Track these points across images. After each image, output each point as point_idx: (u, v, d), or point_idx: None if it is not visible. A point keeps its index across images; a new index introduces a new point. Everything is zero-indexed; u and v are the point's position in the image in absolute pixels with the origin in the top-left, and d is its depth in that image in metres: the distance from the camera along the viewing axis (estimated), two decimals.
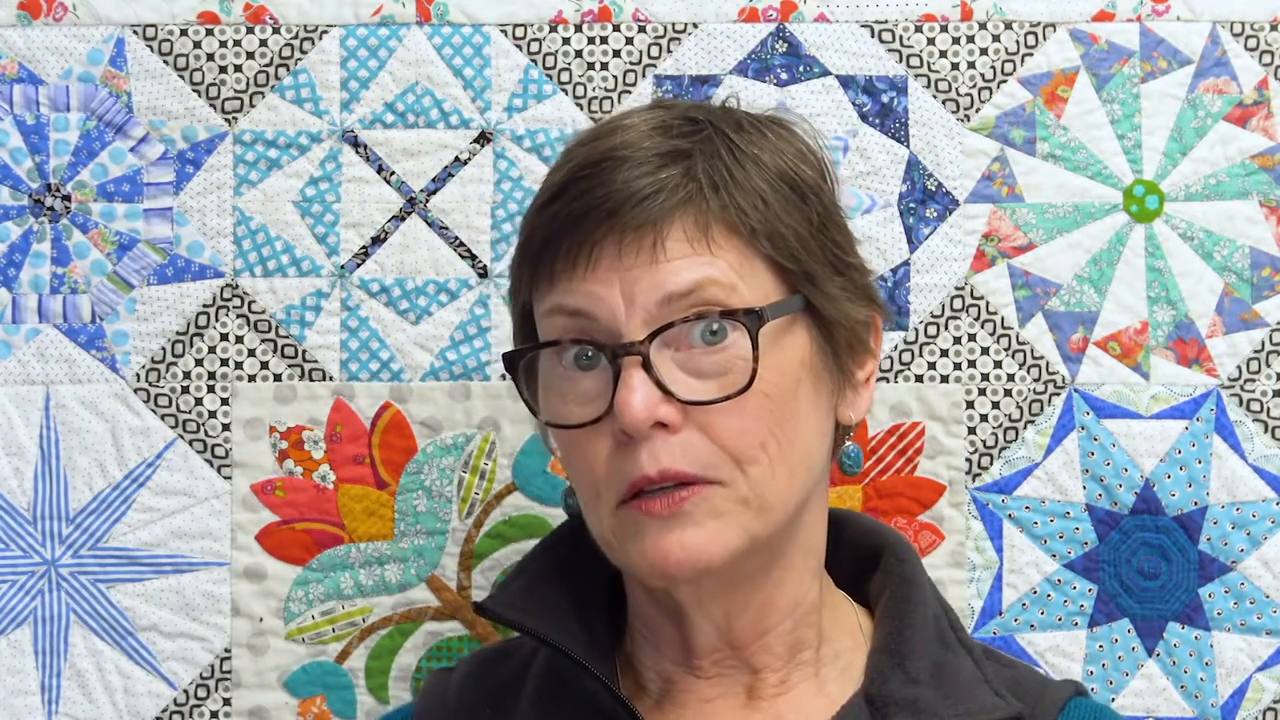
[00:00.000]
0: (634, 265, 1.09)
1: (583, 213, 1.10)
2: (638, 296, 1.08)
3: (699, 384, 1.08)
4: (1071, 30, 1.49)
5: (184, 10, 1.49)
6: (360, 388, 1.49)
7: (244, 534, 1.48)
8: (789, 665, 1.17)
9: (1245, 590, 1.47)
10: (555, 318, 1.11)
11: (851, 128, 1.49)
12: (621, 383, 1.07)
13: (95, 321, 1.49)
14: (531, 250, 1.13)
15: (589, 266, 1.09)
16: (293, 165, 1.49)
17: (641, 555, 1.09)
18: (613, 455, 1.09)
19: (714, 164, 1.12)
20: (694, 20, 1.49)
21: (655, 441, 1.07)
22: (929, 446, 1.48)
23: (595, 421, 1.09)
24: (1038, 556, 1.48)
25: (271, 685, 1.48)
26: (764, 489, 1.09)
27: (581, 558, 1.21)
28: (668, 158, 1.11)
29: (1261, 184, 1.49)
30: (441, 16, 1.49)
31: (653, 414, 1.07)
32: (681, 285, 1.08)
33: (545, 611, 1.17)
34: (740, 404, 1.08)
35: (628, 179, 1.10)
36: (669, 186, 1.10)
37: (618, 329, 1.08)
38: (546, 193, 1.14)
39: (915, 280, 1.49)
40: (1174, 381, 1.48)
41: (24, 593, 1.48)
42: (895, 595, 1.20)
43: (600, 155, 1.12)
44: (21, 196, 1.49)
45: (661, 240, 1.09)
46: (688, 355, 1.09)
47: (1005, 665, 1.22)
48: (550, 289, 1.11)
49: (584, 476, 1.12)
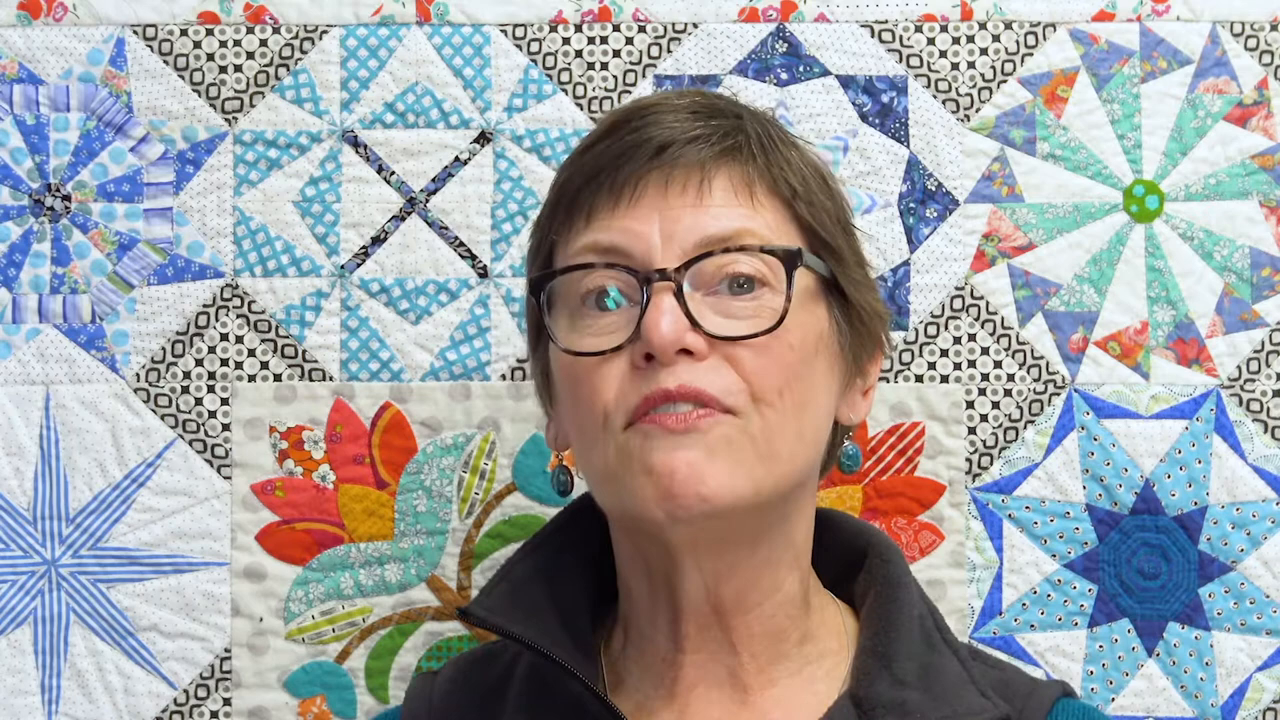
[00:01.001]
0: (677, 204, 1.10)
1: (631, 148, 1.11)
2: (676, 234, 1.10)
3: (728, 322, 1.10)
4: (1071, 30, 1.49)
5: (184, 10, 1.49)
6: (360, 388, 1.49)
7: (244, 534, 1.48)
8: (770, 653, 1.17)
9: (1245, 590, 1.47)
10: (585, 255, 1.12)
11: (851, 128, 1.49)
12: (651, 305, 1.08)
13: (95, 321, 1.49)
14: (570, 189, 1.13)
15: (631, 202, 1.11)
16: (293, 165, 1.49)
17: (648, 473, 1.08)
18: (629, 378, 1.09)
19: (758, 128, 1.15)
20: (694, 20, 1.49)
21: (680, 366, 1.08)
22: (929, 446, 1.48)
23: (617, 350, 1.09)
24: (1038, 556, 1.48)
25: (271, 685, 1.48)
26: (773, 435, 1.10)
27: (565, 559, 1.21)
28: (715, 112, 1.15)
29: (1261, 184, 1.49)
30: (441, 16, 1.49)
31: (680, 337, 1.07)
32: (722, 230, 1.10)
33: (529, 615, 1.17)
34: (765, 345, 1.09)
35: (679, 120, 1.12)
36: (720, 133, 1.12)
37: (651, 262, 1.09)
38: (591, 138, 1.15)
39: (915, 280, 1.49)
40: (1174, 381, 1.48)
41: (24, 593, 1.48)
42: (881, 596, 1.20)
43: (649, 104, 1.14)
44: (21, 196, 1.49)
45: (709, 183, 1.11)
46: (717, 299, 1.10)
47: (992, 666, 1.22)
48: (586, 226, 1.12)
49: (591, 406, 1.11)
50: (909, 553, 1.47)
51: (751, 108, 1.19)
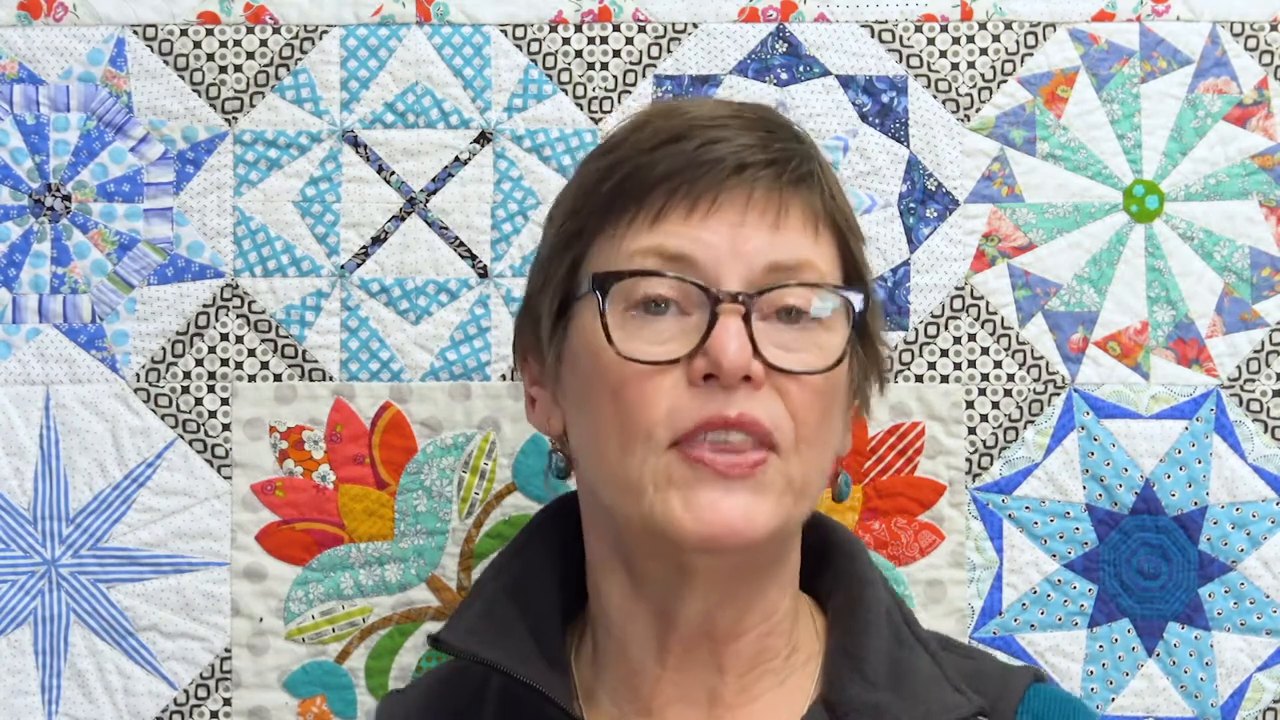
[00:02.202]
0: (753, 225, 1.09)
1: (711, 161, 1.09)
2: (746, 254, 1.09)
3: (782, 353, 1.09)
4: (1071, 30, 1.49)
5: (184, 10, 1.49)
6: (360, 388, 1.49)
7: (244, 534, 1.48)
8: (756, 672, 1.16)
9: (1245, 590, 1.47)
10: (648, 258, 1.09)
11: (851, 128, 1.49)
12: (721, 326, 1.06)
13: (95, 321, 1.49)
14: (636, 187, 1.10)
15: (706, 214, 1.09)
16: (293, 165, 1.49)
17: (693, 510, 1.06)
18: (685, 394, 1.07)
19: (820, 155, 1.16)
20: (694, 20, 1.49)
21: (739, 393, 1.07)
22: (929, 446, 1.48)
23: (674, 362, 1.07)
24: (1038, 556, 1.48)
25: (271, 685, 1.48)
26: (807, 473, 1.10)
27: (535, 572, 1.20)
28: (786, 131, 1.14)
29: (1261, 184, 1.49)
30: (441, 16, 1.49)
31: (748, 364, 1.06)
32: (790, 259, 1.10)
33: (501, 636, 1.16)
34: (812, 382, 1.09)
35: (753, 139, 1.11)
36: (797, 158, 1.12)
37: (718, 277, 1.08)
38: (652, 138, 1.11)
39: (915, 280, 1.49)
40: (1174, 381, 1.48)
41: (24, 593, 1.48)
42: (848, 596, 1.19)
43: (714, 117, 1.12)
44: (21, 196, 1.49)
45: (785, 210, 1.10)
46: (770, 326, 1.09)
47: (963, 656, 1.21)
48: (650, 229, 1.10)
49: (636, 416, 1.08)
50: (909, 553, 1.47)
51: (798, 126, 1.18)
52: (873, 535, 1.48)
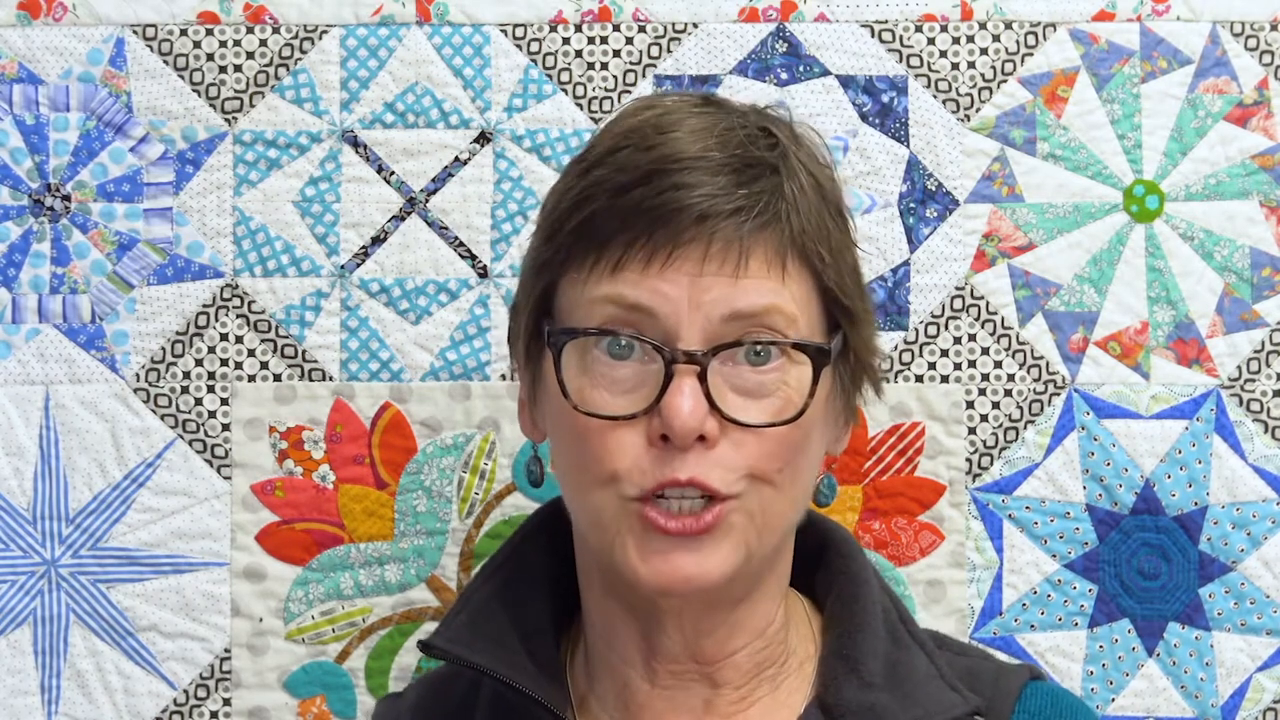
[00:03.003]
0: (711, 275, 1.07)
1: (671, 212, 1.07)
2: (704, 305, 1.07)
3: (742, 402, 1.08)
4: (1071, 30, 1.49)
5: (184, 10, 1.49)
6: (360, 388, 1.49)
7: (244, 534, 1.48)
8: (752, 682, 1.16)
9: (1245, 590, 1.47)
10: (606, 306, 1.09)
11: (851, 128, 1.49)
12: (675, 388, 1.06)
13: (95, 321, 1.49)
14: (597, 234, 1.09)
15: (663, 267, 1.07)
16: (293, 165, 1.49)
17: (645, 563, 1.07)
18: (643, 452, 1.07)
19: (794, 184, 1.11)
20: (694, 20, 1.49)
21: (691, 454, 1.06)
22: (929, 446, 1.48)
23: (631, 418, 1.07)
24: (1038, 556, 1.48)
25: (271, 685, 1.48)
26: (770, 509, 1.09)
27: (525, 579, 1.20)
28: (756, 169, 1.10)
29: (1261, 184, 1.49)
30: (441, 16, 1.49)
31: (700, 424, 1.06)
32: (751, 307, 1.08)
33: (492, 641, 1.16)
34: (774, 430, 1.08)
35: (722, 186, 1.08)
36: (760, 204, 1.08)
37: (676, 332, 1.07)
38: (621, 175, 1.09)
39: (915, 280, 1.49)
40: (1174, 381, 1.48)
41: (24, 593, 1.48)
42: (843, 595, 1.19)
43: (687, 153, 1.09)
44: (21, 196, 1.49)
45: (745, 258, 1.08)
46: (734, 371, 1.08)
47: (958, 654, 1.21)
48: (610, 277, 1.08)
49: (597, 464, 1.09)
50: (909, 553, 1.47)
51: (780, 130, 1.15)
52: (873, 535, 1.48)
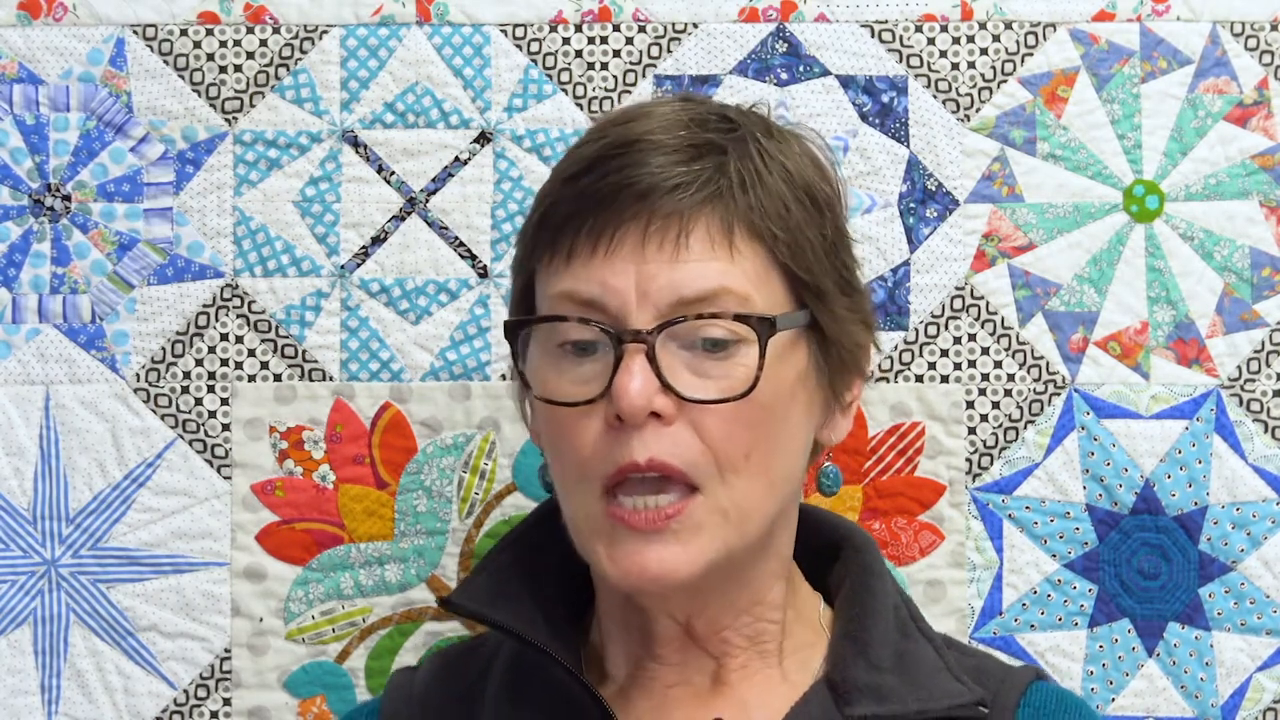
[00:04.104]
0: (654, 258, 1.08)
1: (612, 191, 1.09)
2: (652, 292, 1.08)
3: (699, 382, 1.08)
4: (1071, 30, 1.49)
5: (184, 10, 1.49)
6: (360, 388, 1.49)
7: (244, 534, 1.48)
8: (750, 652, 1.18)
9: (1245, 590, 1.47)
10: (564, 303, 1.10)
11: (851, 128, 1.49)
12: (622, 367, 1.07)
13: (95, 321, 1.49)
14: (551, 223, 1.11)
15: (608, 252, 1.08)
16: (293, 165, 1.49)
17: (614, 563, 1.09)
18: (602, 438, 1.09)
19: (745, 164, 1.12)
20: (694, 20, 1.49)
21: (647, 430, 1.07)
22: (929, 446, 1.48)
23: (589, 403, 1.09)
24: (1038, 556, 1.48)
25: (271, 685, 1.48)
26: (743, 500, 1.10)
27: (545, 552, 1.21)
28: (702, 149, 1.11)
29: (1261, 184, 1.49)
30: (441, 16, 1.49)
31: (649, 401, 1.07)
32: (697, 291, 1.08)
33: (511, 605, 1.17)
34: (735, 409, 1.08)
35: (661, 164, 1.09)
36: (701, 179, 1.09)
37: (626, 319, 1.08)
38: (574, 166, 1.12)
39: (915, 280, 1.49)
40: (1174, 381, 1.48)
41: (24, 593, 1.48)
42: (855, 585, 1.21)
43: (634, 137, 1.11)
44: (21, 196, 1.49)
45: (686, 235, 1.08)
46: (692, 355, 1.09)
47: (966, 654, 1.23)
48: (565, 270, 1.10)
49: (569, 457, 1.11)
50: (909, 553, 1.47)
51: (745, 121, 1.15)
52: (873, 535, 1.47)
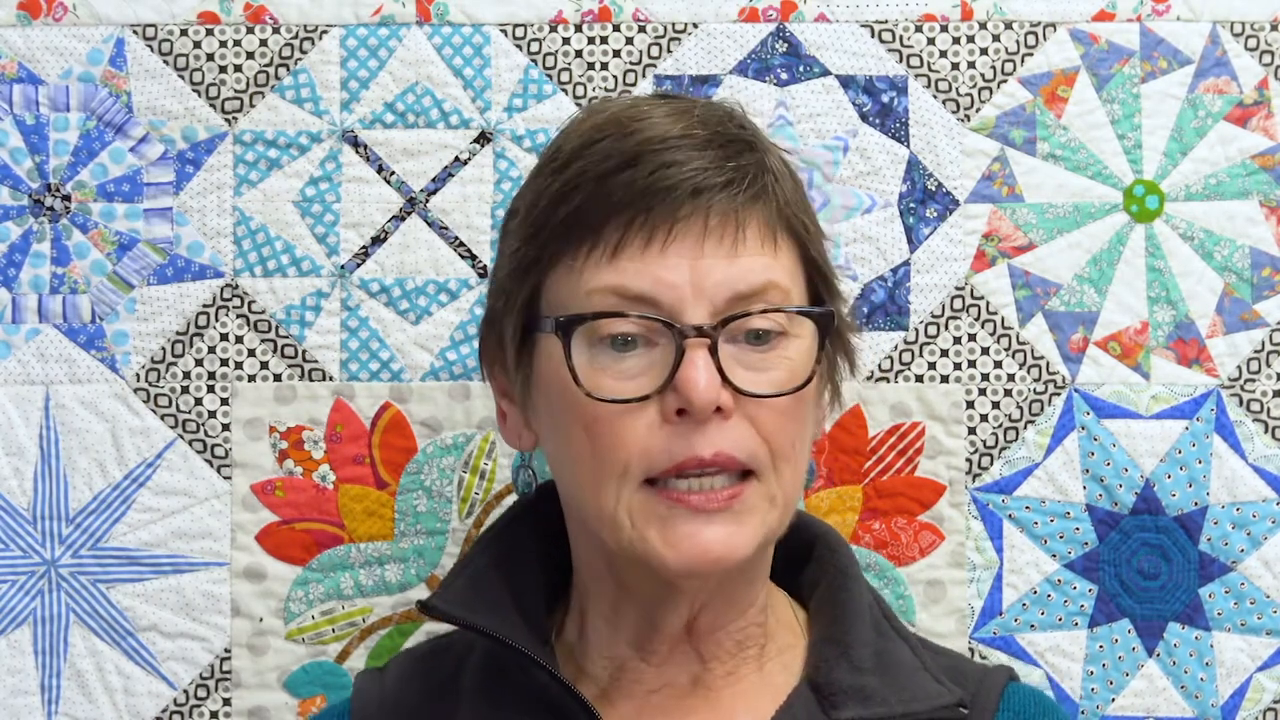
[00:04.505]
0: (711, 254, 1.08)
1: (665, 188, 1.07)
2: (708, 288, 1.08)
3: (753, 376, 1.09)
4: (1071, 30, 1.49)
5: (184, 10, 1.49)
6: (360, 388, 1.49)
7: (244, 534, 1.48)
8: (736, 659, 1.18)
9: (1245, 590, 1.47)
10: (608, 297, 1.09)
11: (851, 128, 1.49)
12: (688, 361, 1.07)
13: (95, 321, 1.49)
14: (590, 218, 1.09)
15: (664, 247, 1.08)
16: (293, 165, 1.49)
17: (671, 546, 1.08)
18: (657, 433, 1.08)
19: (771, 159, 1.13)
20: (694, 20, 1.49)
21: (711, 425, 1.07)
22: (929, 446, 1.48)
23: (643, 399, 1.08)
24: (1038, 556, 1.48)
25: (271, 685, 1.48)
26: (789, 488, 1.12)
27: (520, 551, 1.22)
28: (737, 145, 1.12)
29: (1261, 184, 1.49)
30: (441, 16, 1.49)
31: (717, 395, 1.07)
32: (751, 285, 1.09)
33: (488, 606, 1.17)
34: (785, 401, 1.10)
35: (709, 160, 1.09)
36: (749, 176, 1.10)
37: (682, 314, 1.08)
38: (604, 162, 1.09)
39: (915, 280, 1.49)
40: (1174, 381, 1.48)
41: (24, 593, 1.48)
42: (831, 586, 1.22)
43: (662, 134, 1.09)
44: (21, 196, 1.49)
45: (742, 231, 1.09)
46: (739, 349, 1.10)
47: (939, 653, 1.24)
48: (608, 264, 1.09)
49: (611, 453, 1.09)
50: (909, 553, 1.47)
51: (743, 117, 1.16)
52: (873, 535, 1.48)
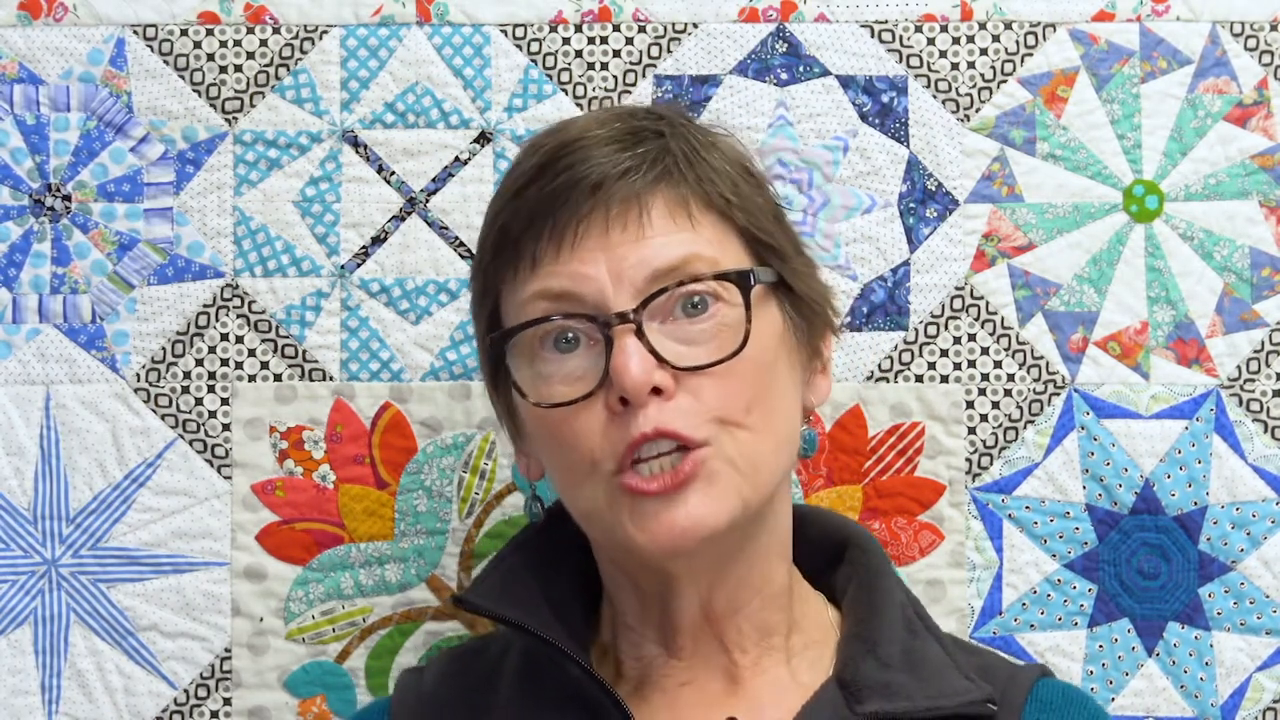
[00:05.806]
0: (620, 241, 1.11)
1: (565, 189, 1.11)
2: (625, 273, 1.10)
3: (689, 350, 1.11)
4: (1071, 30, 1.49)
5: (184, 10, 1.49)
6: (360, 388, 1.49)
7: (244, 534, 1.48)
8: (760, 648, 1.19)
9: (1245, 590, 1.47)
10: (537, 303, 1.12)
11: (851, 128, 1.49)
12: (617, 349, 1.09)
13: (95, 321, 1.49)
14: (510, 240, 1.14)
15: (574, 245, 1.11)
16: (293, 165, 1.49)
17: (643, 530, 1.10)
18: (607, 426, 1.10)
19: (683, 144, 1.15)
20: (694, 20, 1.49)
21: (650, 406, 1.09)
22: (929, 446, 1.48)
23: (587, 397, 1.10)
24: (1038, 556, 1.48)
25: (271, 685, 1.48)
26: (750, 452, 1.11)
27: (554, 553, 1.23)
28: (640, 135, 1.15)
29: (1261, 184, 1.49)
30: (441, 16, 1.49)
31: (650, 377, 1.08)
32: (668, 261, 1.11)
33: (522, 603, 1.18)
34: (728, 369, 1.10)
35: (606, 154, 1.12)
36: (648, 161, 1.13)
37: (605, 304, 1.10)
38: (517, 181, 1.15)
39: (915, 280, 1.49)
40: (1174, 381, 1.48)
41: (24, 593, 1.48)
42: (862, 585, 1.22)
43: (570, 139, 1.14)
44: (21, 196, 1.49)
45: (647, 213, 1.11)
46: (674, 326, 1.11)
47: (972, 652, 1.25)
48: (532, 274, 1.13)
49: (575, 452, 1.12)
50: (909, 553, 1.47)
51: (669, 113, 1.19)
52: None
